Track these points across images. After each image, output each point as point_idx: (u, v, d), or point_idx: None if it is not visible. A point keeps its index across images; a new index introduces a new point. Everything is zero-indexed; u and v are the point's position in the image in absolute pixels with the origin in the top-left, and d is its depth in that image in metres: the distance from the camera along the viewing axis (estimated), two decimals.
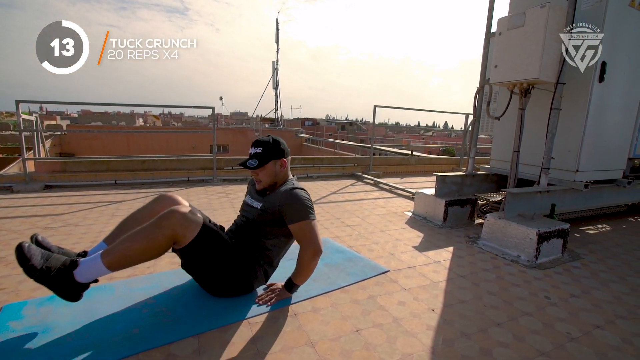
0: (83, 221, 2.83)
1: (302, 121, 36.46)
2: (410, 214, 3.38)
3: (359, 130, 38.56)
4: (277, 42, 22.24)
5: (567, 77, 2.45)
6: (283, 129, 20.66)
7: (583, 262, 2.35)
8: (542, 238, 2.27)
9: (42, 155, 6.49)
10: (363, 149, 11.59)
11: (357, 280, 1.90)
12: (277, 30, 22.28)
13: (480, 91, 3.19)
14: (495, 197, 3.32)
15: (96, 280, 1.40)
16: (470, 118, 4.06)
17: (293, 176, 1.80)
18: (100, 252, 1.36)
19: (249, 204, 1.75)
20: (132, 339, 1.34)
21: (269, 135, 1.70)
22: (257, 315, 1.53)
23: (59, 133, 11.76)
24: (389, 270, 2.05)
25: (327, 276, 1.92)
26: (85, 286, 1.37)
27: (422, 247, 2.48)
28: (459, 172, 3.76)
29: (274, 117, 22.81)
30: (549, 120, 2.46)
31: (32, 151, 5.67)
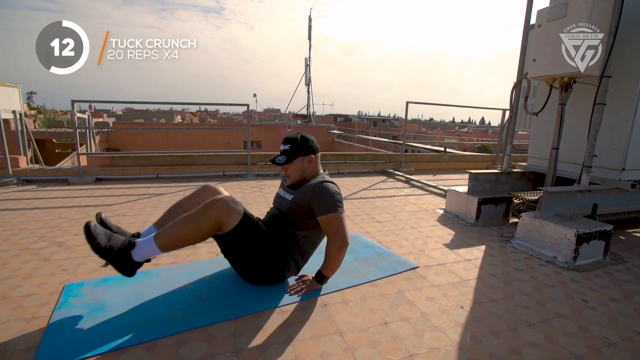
0: (130, 212, 3.06)
1: (334, 117, 36.44)
2: (441, 211, 3.35)
3: (392, 127, 37.98)
4: (309, 38, 22.31)
5: (613, 69, 2.32)
6: (315, 125, 20.78)
7: (627, 266, 2.24)
8: (581, 239, 2.18)
9: (93, 150, 7.00)
10: (395, 145, 11.46)
11: (386, 275, 1.93)
12: (310, 27, 22.34)
13: (517, 86, 3.09)
14: (532, 196, 3.20)
15: (149, 260, 1.55)
16: (508, 114, 3.93)
17: (324, 171, 1.85)
18: (153, 234, 1.51)
19: (282, 195, 1.83)
20: (175, 320, 1.46)
21: (299, 133, 1.77)
22: (288, 304, 1.61)
23: (106, 130, 12.57)
24: (418, 267, 2.07)
25: (357, 270, 1.97)
26: (140, 264, 1.53)
27: (452, 245, 2.47)
28: (494, 169, 3.66)
29: (306, 113, 22.97)
30: (592, 116, 2.35)
31: (84, 146, 6.14)
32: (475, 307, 1.67)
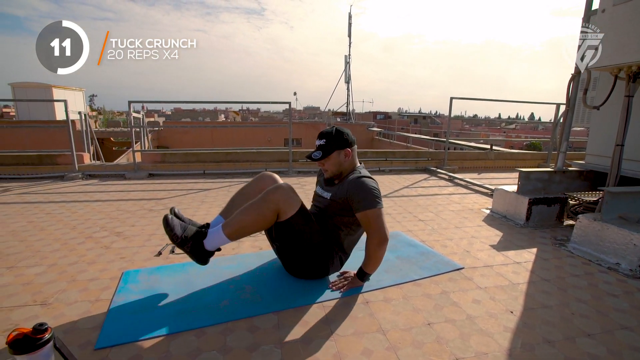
0: (179, 205, 3.23)
1: (374, 114, 35.98)
2: (487, 211, 3.20)
3: (433, 124, 36.78)
4: (349, 35, 22.16)
5: None
6: (354, 122, 20.66)
7: None
8: None
9: (147, 147, 7.48)
10: (437, 143, 11.09)
11: (430, 275, 1.88)
12: (350, 24, 22.19)
13: (575, 77, 2.86)
14: (590, 197, 2.96)
15: (219, 249, 1.64)
16: (562, 108, 3.66)
17: (360, 164, 1.83)
18: (221, 224, 1.60)
19: (319, 194, 1.84)
20: (221, 310, 1.53)
21: (333, 127, 1.76)
22: (330, 300, 1.62)
23: (156, 128, 13.37)
24: (463, 267, 2.00)
25: (399, 268, 1.94)
26: (212, 253, 1.63)
27: (500, 247, 2.35)
28: (546, 168, 3.43)
29: (345, 110, 22.89)
30: None
31: (138, 144, 6.58)
32: (527, 312, 1.58)
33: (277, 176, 1.84)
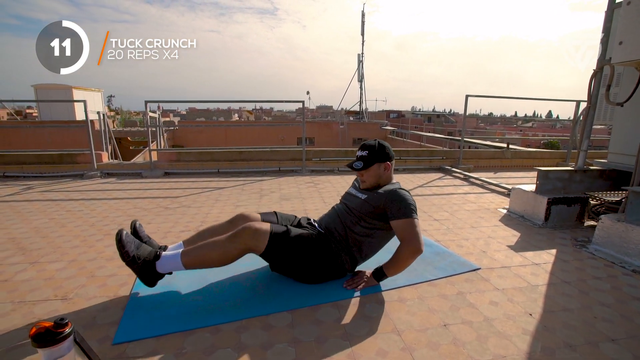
0: (194, 203, 3.28)
1: (387, 113, 35.72)
2: (504, 211, 3.13)
3: (447, 122, 36.28)
4: (362, 34, 22.08)
5: None
6: (367, 121, 20.56)
7: None
8: None
9: (163, 147, 7.61)
10: (451, 141, 10.93)
11: (445, 275, 1.85)
12: (363, 22, 22.09)
13: (597, 73, 2.77)
14: (613, 197, 2.86)
15: (170, 273, 1.62)
16: (582, 106, 3.54)
17: (396, 182, 1.85)
18: (180, 251, 1.59)
19: (353, 194, 1.85)
20: (236, 307, 1.54)
21: (375, 140, 1.80)
22: (344, 299, 1.61)
23: (172, 128, 13.59)
24: (479, 268, 1.96)
25: (414, 268, 1.91)
26: (162, 276, 1.60)
27: (518, 247, 2.30)
28: (566, 167, 3.33)
29: (358, 109, 22.81)
30: None
31: (154, 143, 6.70)
32: (546, 315, 1.53)
33: (252, 214, 1.83)
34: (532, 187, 2.94)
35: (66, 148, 5.61)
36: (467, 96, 5.23)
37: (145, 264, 1.54)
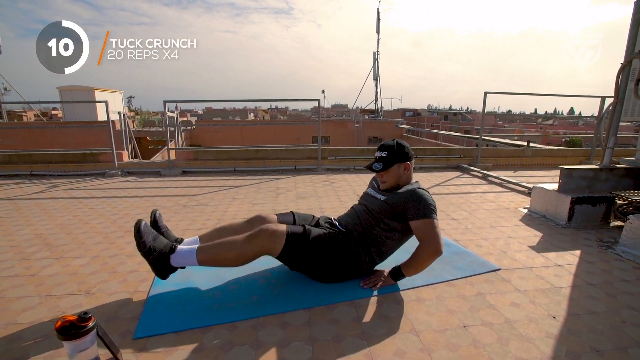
0: (211, 201, 3.32)
1: (403, 111, 35.35)
2: (525, 210, 3.05)
3: (464, 120, 35.62)
4: (377, 32, 21.91)
5: None
6: (383, 120, 20.41)
7: None
8: None
9: (180, 146, 7.75)
10: (469, 139, 10.72)
11: (464, 276, 1.82)
12: (378, 20, 21.91)
13: (626, 67, 2.66)
14: None
15: (184, 267, 1.62)
16: (607, 102, 3.40)
17: (416, 182, 1.82)
18: (197, 247, 1.59)
19: (372, 195, 1.83)
20: (252, 304, 1.55)
21: (394, 140, 1.77)
22: (361, 298, 1.60)
23: (189, 127, 13.84)
24: (500, 269, 1.91)
25: (432, 268, 1.87)
26: (175, 269, 1.60)
27: (540, 248, 2.23)
28: (590, 165, 3.21)
29: (373, 108, 22.67)
30: None
31: (173, 142, 6.83)
32: (571, 318, 1.48)
33: (269, 215, 1.82)
34: (555, 186, 2.85)
35: (89, 147, 5.78)
36: (485, 93, 5.13)
37: (160, 256, 1.55)
